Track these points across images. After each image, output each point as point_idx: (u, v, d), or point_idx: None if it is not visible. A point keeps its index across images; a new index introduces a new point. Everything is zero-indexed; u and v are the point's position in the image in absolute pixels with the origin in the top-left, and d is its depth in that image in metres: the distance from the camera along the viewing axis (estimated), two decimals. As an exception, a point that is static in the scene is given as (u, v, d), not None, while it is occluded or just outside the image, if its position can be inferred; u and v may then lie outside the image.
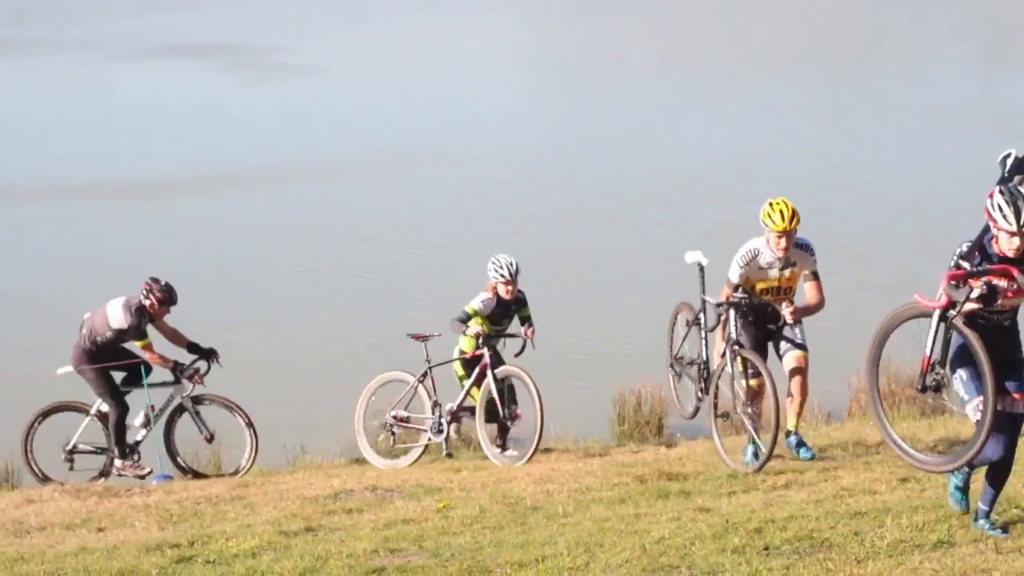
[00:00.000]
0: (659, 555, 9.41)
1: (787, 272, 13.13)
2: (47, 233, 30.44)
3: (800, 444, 13.41)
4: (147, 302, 16.01)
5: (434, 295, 24.86)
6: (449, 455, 15.86)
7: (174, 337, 16.41)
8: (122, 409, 16.12)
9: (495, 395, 15.40)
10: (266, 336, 23.20)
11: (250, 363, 21.62)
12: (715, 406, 13.30)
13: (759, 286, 13.19)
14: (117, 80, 52.04)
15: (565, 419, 17.44)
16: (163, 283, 16.17)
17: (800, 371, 13.14)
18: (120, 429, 16.14)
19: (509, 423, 15.57)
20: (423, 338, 15.82)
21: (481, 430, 15.49)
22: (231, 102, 46.85)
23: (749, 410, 12.97)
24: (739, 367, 13.05)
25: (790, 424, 13.39)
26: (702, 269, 13.66)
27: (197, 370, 16.23)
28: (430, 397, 15.81)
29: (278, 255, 27.96)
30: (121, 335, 15.94)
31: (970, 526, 9.46)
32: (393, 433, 16.03)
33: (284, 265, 27.30)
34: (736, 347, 13.01)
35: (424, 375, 15.84)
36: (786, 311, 13.03)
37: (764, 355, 13.20)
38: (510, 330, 15.93)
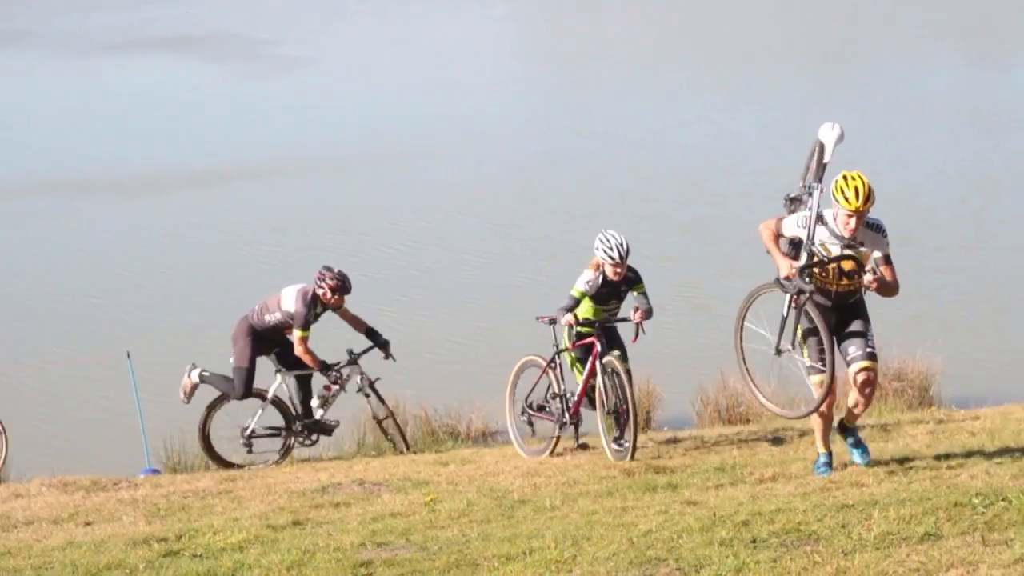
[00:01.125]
0: (646, 548, 9.43)
1: (851, 252, 11.61)
2: (34, 228, 30.37)
3: (857, 444, 12.12)
4: (320, 291, 15.89)
5: (411, 291, 24.88)
6: (583, 446, 14.81)
7: (355, 322, 16.33)
8: (242, 393, 16.03)
9: (600, 385, 14.17)
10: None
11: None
12: (740, 339, 12.00)
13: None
14: (104, 74, 51.96)
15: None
16: (336, 271, 16.00)
17: (868, 383, 11.70)
18: (220, 402, 16.09)
19: (611, 415, 14.17)
20: (551, 320, 14.55)
21: (601, 422, 14.25)
22: (219, 96, 46.79)
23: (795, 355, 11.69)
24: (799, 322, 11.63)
25: (846, 417, 12.05)
26: (821, 151, 12.18)
27: (340, 375, 16.05)
28: (557, 385, 14.65)
29: (258, 251, 27.93)
30: (288, 320, 15.85)
31: (957, 519, 9.48)
32: (531, 423, 15.04)
33: (270, 260, 27.27)
34: (800, 297, 11.52)
35: (552, 361, 14.69)
36: (868, 276, 11.46)
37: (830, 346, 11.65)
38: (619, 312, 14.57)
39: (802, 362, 11.75)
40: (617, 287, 14.42)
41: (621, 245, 14.30)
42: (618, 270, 14.29)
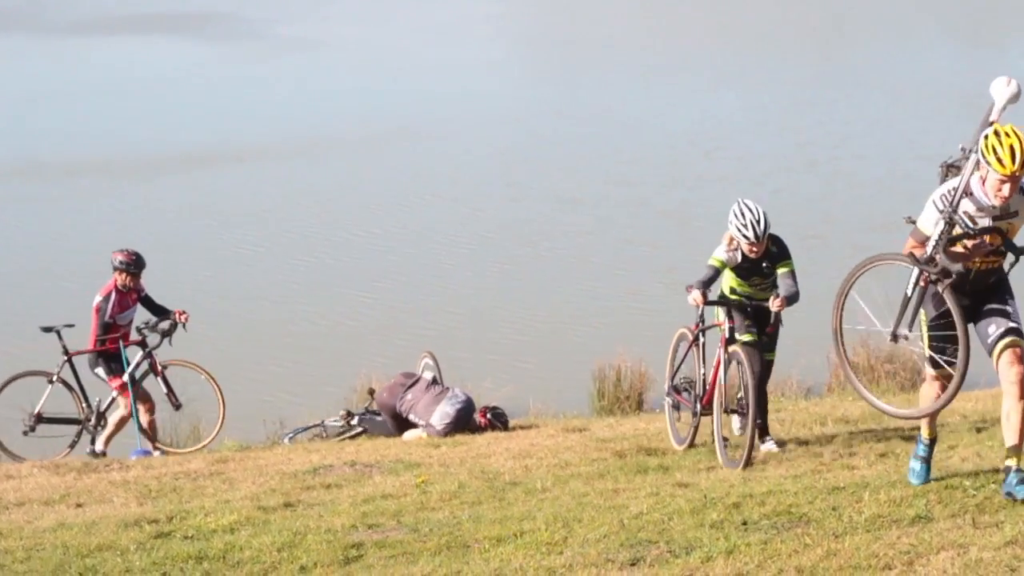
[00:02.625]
0: (637, 530, 9.43)
1: (1004, 224, 9.40)
2: (25, 211, 30.32)
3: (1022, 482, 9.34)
4: None
5: (395, 276, 24.88)
6: (723, 440, 12.32)
7: None
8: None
9: (721, 376, 12.30)
10: (245, 313, 23.16)
11: (230, 339, 21.60)
12: (840, 319, 9.95)
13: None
14: (95, 54, 51.83)
15: (544, 394, 17.47)
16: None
17: (1018, 361, 9.33)
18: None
19: (734, 412, 12.39)
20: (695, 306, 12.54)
21: (717, 417, 12.26)
22: (209, 77, 46.70)
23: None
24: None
25: (1011, 460, 9.39)
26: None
27: None
28: (697, 367, 12.71)
29: (242, 235, 27.91)
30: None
31: (947, 502, 9.47)
32: (676, 407, 13.13)
33: (250, 246, 27.26)
34: (942, 280, 9.29)
35: (696, 339, 12.73)
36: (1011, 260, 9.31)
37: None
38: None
39: (919, 350, 9.78)
40: (758, 263, 12.45)
41: (758, 221, 12.16)
42: (754, 249, 12.29)
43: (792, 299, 12.32)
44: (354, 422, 16.43)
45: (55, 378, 16.47)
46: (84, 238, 27.78)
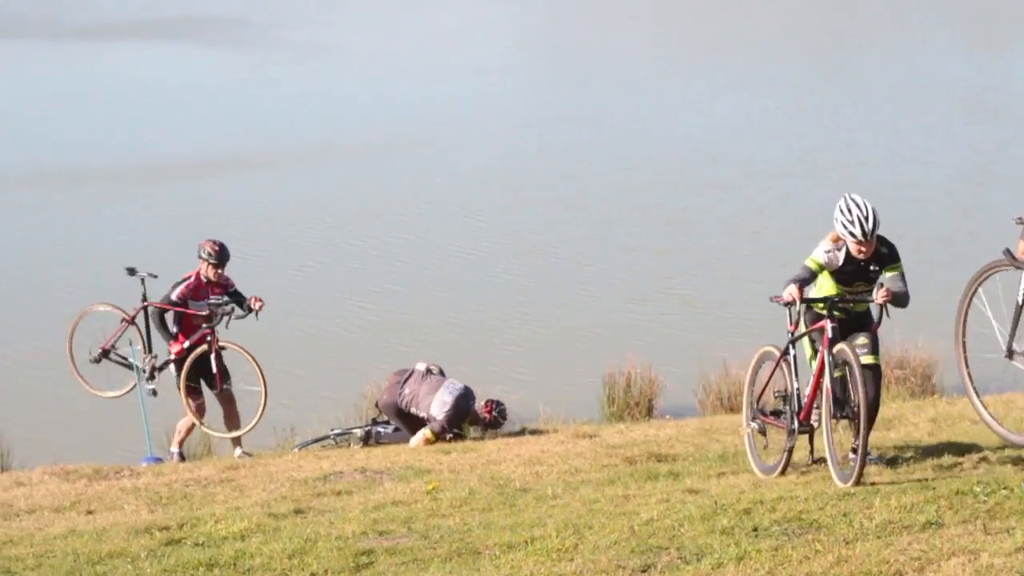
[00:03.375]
0: (648, 537, 9.44)
1: None
2: (33, 218, 30.33)
3: None
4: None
5: (402, 282, 24.90)
6: (819, 461, 11.56)
7: None
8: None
9: (827, 383, 11.04)
10: (252, 320, 23.14)
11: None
12: (963, 335, 9.67)
13: None
14: (99, 60, 51.87)
15: (554, 400, 17.46)
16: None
17: None
18: None
19: (849, 420, 11.13)
20: (788, 302, 11.23)
21: (827, 429, 11.06)
22: (210, 83, 46.71)
23: None
24: None
25: None
26: None
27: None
28: (789, 382, 11.44)
29: (247, 242, 27.91)
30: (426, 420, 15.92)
31: (958, 508, 9.47)
32: (763, 432, 11.79)
33: (255, 253, 27.26)
34: None
35: (786, 352, 11.47)
36: None
37: None
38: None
39: None
40: (865, 266, 11.20)
41: (866, 218, 10.89)
42: (863, 249, 11.05)
43: (901, 299, 11.17)
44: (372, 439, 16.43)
45: (130, 319, 16.53)
46: (89, 246, 27.80)
